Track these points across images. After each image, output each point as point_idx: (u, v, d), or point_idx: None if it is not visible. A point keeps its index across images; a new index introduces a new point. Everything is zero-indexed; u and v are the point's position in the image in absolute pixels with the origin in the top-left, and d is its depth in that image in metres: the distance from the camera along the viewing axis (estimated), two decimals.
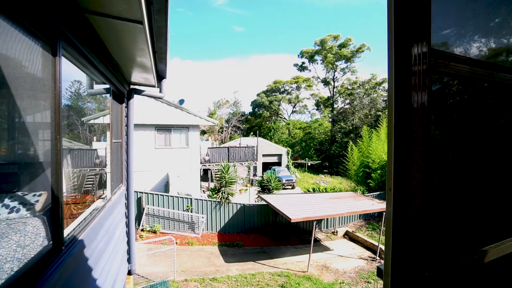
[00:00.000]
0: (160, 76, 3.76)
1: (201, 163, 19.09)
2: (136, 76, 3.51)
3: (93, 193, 13.02)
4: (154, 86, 3.85)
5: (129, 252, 3.38)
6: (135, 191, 11.85)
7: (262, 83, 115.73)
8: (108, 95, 2.78)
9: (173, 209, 12.21)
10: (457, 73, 0.99)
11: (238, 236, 12.47)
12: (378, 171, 18.07)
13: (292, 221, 9.07)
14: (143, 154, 14.99)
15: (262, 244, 12.04)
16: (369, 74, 44.07)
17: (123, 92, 3.21)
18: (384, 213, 11.79)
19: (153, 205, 11.93)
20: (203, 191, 21.36)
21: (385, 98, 43.98)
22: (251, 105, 56.82)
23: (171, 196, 12.28)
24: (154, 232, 11.44)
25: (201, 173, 24.83)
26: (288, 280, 8.92)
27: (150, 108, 14.85)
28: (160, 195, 12.15)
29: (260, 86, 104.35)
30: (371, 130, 20.97)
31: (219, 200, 12.76)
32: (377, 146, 19.17)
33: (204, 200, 12.71)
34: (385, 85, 43.63)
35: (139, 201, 11.82)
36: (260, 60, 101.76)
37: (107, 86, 2.67)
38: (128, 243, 3.36)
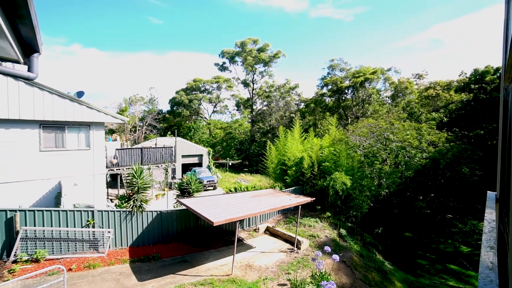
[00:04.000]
0: (29, 48, 2.65)
1: (107, 167, 16.31)
2: None
3: None
4: (18, 62, 2.69)
5: None
6: (1, 210, 8.87)
7: (181, 81, 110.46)
8: None
9: (67, 226, 9.79)
10: None
11: (154, 248, 11.10)
12: (293, 168, 19.62)
13: (214, 225, 8.60)
14: (20, 159, 11.51)
15: (183, 253, 11.08)
16: (284, 79, 47.93)
17: None
18: (299, 207, 12.76)
19: (35, 225, 9.23)
20: (111, 200, 18.38)
21: (297, 102, 48.84)
22: (169, 103, 53.13)
23: (63, 210, 9.80)
24: (36, 261, 8.82)
25: (108, 179, 21.37)
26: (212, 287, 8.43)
27: (33, 99, 11.53)
28: (47, 210, 9.52)
29: (179, 84, 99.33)
30: (287, 130, 22.61)
31: (131, 210, 11.05)
32: (292, 145, 20.78)
33: (111, 211, 10.73)
34: (298, 89, 48.30)
35: (9, 223, 8.90)
36: (179, 57, 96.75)
37: None
38: None
